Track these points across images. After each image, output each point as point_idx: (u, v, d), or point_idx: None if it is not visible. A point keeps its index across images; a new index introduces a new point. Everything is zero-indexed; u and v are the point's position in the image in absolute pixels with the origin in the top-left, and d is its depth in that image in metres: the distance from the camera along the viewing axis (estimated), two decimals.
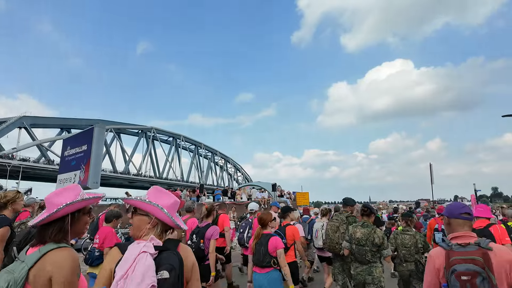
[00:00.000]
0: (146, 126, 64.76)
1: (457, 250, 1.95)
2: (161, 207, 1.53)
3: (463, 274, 1.87)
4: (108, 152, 55.61)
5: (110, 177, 55.00)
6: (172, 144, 72.44)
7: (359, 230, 3.95)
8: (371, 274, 3.81)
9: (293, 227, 4.69)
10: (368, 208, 4.14)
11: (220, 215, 5.79)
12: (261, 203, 16.61)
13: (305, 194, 23.71)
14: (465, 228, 2.06)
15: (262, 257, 3.46)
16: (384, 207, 21.11)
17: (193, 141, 79.58)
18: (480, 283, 1.82)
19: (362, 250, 3.84)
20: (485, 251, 1.89)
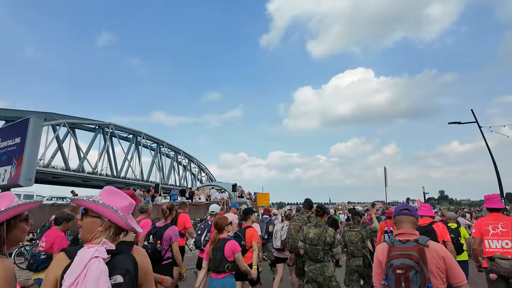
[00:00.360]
0: (104, 121, 61.36)
1: (398, 246, 2.09)
2: (115, 209, 1.46)
3: (398, 268, 2.00)
4: (60, 148, 51.99)
5: (62, 174, 51.43)
6: (132, 141, 69.32)
7: (312, 230, 4.04)
8: (323, 274, 3.89)
9: (252, 229, 4.68)
10: (322, 209, 4.22)
11: (180, 214, 5.67)
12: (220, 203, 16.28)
13: (266, 195, 23.65)
14: (407, 224, 2.23)
15: (218, 262, 3.41)
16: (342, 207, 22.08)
17: (155, 139, 76.86)
18: (413, 276, 1.95)
19: (314, 250, 3.94)
20: (421, 247, 2.02)
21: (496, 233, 3.93)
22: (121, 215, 1.47)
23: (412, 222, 2.24)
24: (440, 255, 2.06)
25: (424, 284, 1.95)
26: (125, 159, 66.71)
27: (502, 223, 3.92)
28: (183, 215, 5.72)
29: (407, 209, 2.29)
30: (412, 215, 2.25)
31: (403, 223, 2.25)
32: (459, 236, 5.53)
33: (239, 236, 4.44)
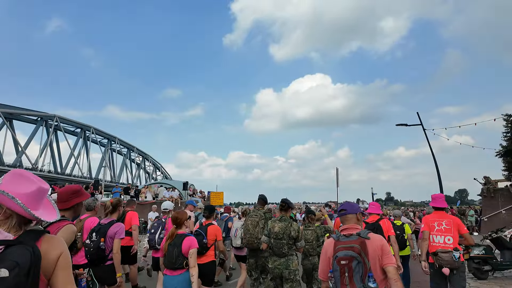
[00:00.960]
0: (47, 113, 56.32)
1: (342, 240, 2.27)
2: (12, 196, 1.29)
3: (342, 259, 2.16)
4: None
5: None
6: (79, 136, 64.59)
7: (277, 225, 4.07)
8: (288, 267, 3.94)
9: (215, 227, 4.63)
10: (286, 203, 4.30)
11: (128, 212, 5.48)
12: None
13: (220, 193, 23.07)
14: (349, 221, 2.43)
15: (174, 258, 3.30)
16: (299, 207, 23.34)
17: (106, 134, 72.39)
18: (355, 266, 2.11)
19: (279, 244, 3.97)
20: (363, 240, 2.21)
21: (440, 229, 4.31)
22: (20, 203, 1.31)
23: (352, 219, 2.45)
24: (379, 244, 2.25)
25: (365, 273, 2.12)
26: (71, 155, 62.01)
27: (446, 221, 4.30)
28: (131, 213, 5.53)
29: (343, 209, 2.51)
30: (349, 213, 2.47)
31: (347, 220, 2.46)
32: (403, 232, 5.97)
33: (201, 233, 4.31)
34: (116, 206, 4.12)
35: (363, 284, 2.11)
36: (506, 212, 19.88)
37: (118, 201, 4.21)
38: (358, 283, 2.12)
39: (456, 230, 4.23)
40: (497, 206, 20.38)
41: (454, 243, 4.17)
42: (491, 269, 7.08)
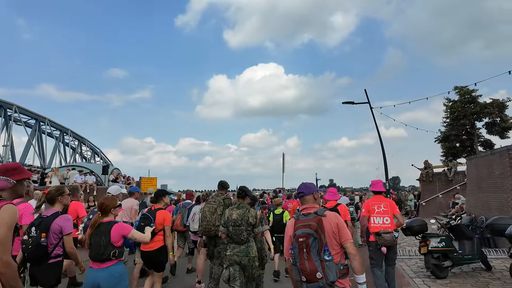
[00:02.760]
0: None
1: (302, 219, 2.48)
2: None
3: (300, 236, 2.36)
4: None
5: None
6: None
7: (235, 212, 4.06)
8: (248, 255, 3.92)
9: (165, 212, 4.50)
10: (243, 191, 4.27)
11: (72, 202, 5.18)
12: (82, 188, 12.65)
13: (152, 179, 20.83)
14: (307, 201, 2.65)
15: (102, 249, 3.02)
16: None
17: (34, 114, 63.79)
18: (312, 242, 2.31)
19: (238, 231, 3.96)
20: (319, 217, 2.42)
21: (379, 211, 4.87)
22: None
23: (310, 199, 2.65)
24: (334, 221, 2.46)
25: (321, 247, 2.30)
26: None
27: (384, 204, 4.92)
28: (75, 203, 5.37)
29: (301, 192, 2.68)
30: (305, 195, 2.66)
31: (306, 200, 2.66)
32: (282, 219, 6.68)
33: (148, 217, 4.28)
34: (56, 196, 3.45)
35: (320, 257, 2.29)
36: (442, 196, 20.56)
37: (61, 189, 3.57)
38: (315, 257, 2.29)
39: (392, 211, 4.88)
40: (435, 190, 21.04)
41: (391, 223, 4.82)
42: (452, 264, 6.06)
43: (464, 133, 24.46)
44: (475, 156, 10.95)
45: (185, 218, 6.36)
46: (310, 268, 2.27)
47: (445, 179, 20.60)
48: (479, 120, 23.65)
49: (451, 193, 19.47)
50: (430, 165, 21.54)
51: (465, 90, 23.49)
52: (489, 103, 22.96)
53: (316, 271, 2.26)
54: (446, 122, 25.20)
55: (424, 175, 21.04)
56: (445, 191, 20.44)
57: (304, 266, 2.29)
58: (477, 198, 10.59)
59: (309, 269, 2.28)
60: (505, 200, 8.67)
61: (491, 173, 9.56)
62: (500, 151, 9.01)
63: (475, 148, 23.00)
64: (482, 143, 24.17)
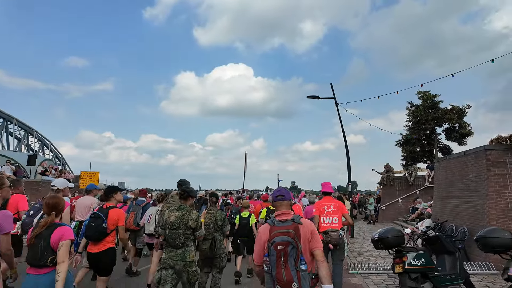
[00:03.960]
0: None
1: (278, 225, 2.37)
2: None
3: (279, 244, 2.25)
4: None
5: None
6: None
7: (173, 214, 3.84)
8: (184, 259, 3.74)
9: (118, 210, 4.23)
10: (186, 192, 4.05)
11: (13, 195, 4.65)
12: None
13: (94, 174, 18.41)
14: (284, 207, 2.56)
15: (40, 253, 2.70)
16: None
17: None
18: (290, 250, 2.24)
19: (175, 234, 3.76)
20: (296, 225, 2.35)
21: (329, 211, 5.27)
22: None
23: (287, 205, 2.58)
24: (310, 229, 2.41)
25: (298, 256, 2.24)
26: None
27: (333, 204, 5.33)
28: (17, 196, 4.82)
29: (281, 195, 2.59)
30: (286, 199, 2.59)
31: (281, 205, 2.56)
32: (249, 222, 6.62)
33: (100, 217, 4.05)
34: None
35: (296, 267, 2.24)
36: (402, 201, 20.15)
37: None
38: (292, 266, 2.23)
39: (341, 212, 5.31)
40: (395, 195, 20.60)
41: (339, 223, 5.25)
42: (432, 286, 4.76)
43: (425, 137, 24.51)
44: (445, 157, 10.07)
45: (139, 216, 6.25)
46: (287, 278, 2.22)
47: (406, 184, 20.27)
48: (439, 125, 23.79)
49: (411, 198, 19.12)
50: (391, 169, 21.12)
51: (427, 95, 23.48)
52: (449, 109, 23.16)
53: (292, 281, 2.21)
54: (408, 126, 25.16)
55: (385, 178, 20.57)
56: (405, 196, 20.06)
57: (281, 275, 2.23)
58: (446, 203, 9.67)
59: (285, 279, 2.21)
60: (480, 207, 7.71)
61: (464, 176, 8.63)
62: (476, 152, 8.09)
63: (434, 154, 23.09)
64: (441, 149, 24.36)
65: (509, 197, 7.27)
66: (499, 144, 7.67)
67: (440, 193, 10.28)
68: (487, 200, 7.45)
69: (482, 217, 7.60)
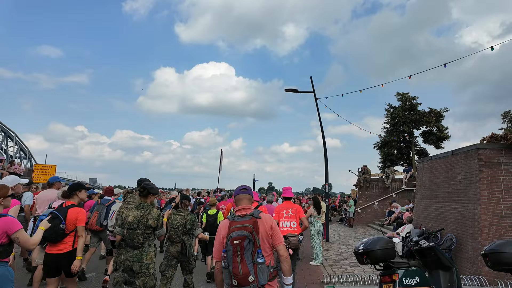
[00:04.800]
0: None
1: (237, 220, 2.36)
2: None
3: (235, 239, 2.24)
4: None
5: None
6: None
7: (132, 213, 3.63)
8: (140, 261, 3.58)
9: (78, 210, 3.94)
10: (146, 189, 3.79)
11: None
12: None
13: (50, 167, 16.75)
14: (245, 201, 2.58)
15: None
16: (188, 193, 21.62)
17: None
18: (247, 245, 2.23)
19: (132, 235, 3.57)
20: (255, 219, 2.35)
21: (287, 216, 5.29)
22: None
23: (248, 199, 2.60)
24: (269, 224, 2.41)
25: (255, 250, 2.24)
26: None
27: (292, 209, 5.35)
28: None
29: (245, 188, 2.66)
30: (248, 193, 2.63)
31: (241, 200, 2.58)
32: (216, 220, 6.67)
33: (57, 217, 3.75)
34: None
35: (253, 260, 2.22)
36: (378, 204, 19.61)
37: None
38: (248, 260, 2.21)
39: (299, 216, 5.30)
40: (371, 197, 20.04)
41: (297, 227, 5.24)
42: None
43: (402, 140, 24.20)
44: (430, 157, 9.28)
45: (102, 216, 6.10)
46: (243, 271, 2.20)
47: (382, 186, 19.75)
48: (417, 128, 23.52)
49: (388, 201, 18.62)
50: (368, 170, 20.54)
51: (406, 97, 23.14)
52: (427, 112, 22.93)
53: (249, 274, 2.20)
54: (386, 128, 24.78)
55: (362, 180, 20.00)
56: (381, 199, 19.55)
57: (237, 269, 2.21)
58: (429, 208, 8.89)
59: (241, 273, 2.20)
60: (470, 212, 6.91)
61: (452, 178, 7.84)
62: (467, 151, 7.30)
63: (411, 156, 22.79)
64: (418, 152, 24.13)
65: (503, 201, 6.49)
66: (493, 143, 6.90)
67: (423, 196, 9.49)
68: (479, 204, 6.65)
69: (472, 223, 6.79)
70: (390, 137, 23.69)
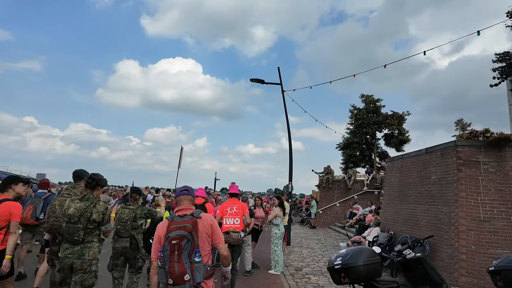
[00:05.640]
0: None
1: (176, 220, 2.36)
2: None
3: (173, 238, 2.24)
4: None
5: None
6: None
7: (74, 205, 3.35)
8: (81, 257, 3.27)
9: (11, 204, 3.64)
10: (94, 179, 3.46)
11: None
12: None
13: None
14: (186, 202, 2.56)
15: None
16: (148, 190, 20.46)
17: None
18: (185, 244, 2.23)
19: (72, 229, 3.28)
20: (195, 219, 2.36)
21: (231, 213, 5.39)
22: None
23: (189, 200, 2.59)
24: (209, 223, 2.42)
25: (193, 249, 2.24)
26: None
27: (236, 206, 5.46)
28: None
29: (187, 189, 2.64)
30: (189, 194, 2.62)
31: (182, 201, 2.56)
32: None
33: None
34: None
35: (190, 259, 2.22)
36: (340, 205, 19.25)
37: None
38: (186, 259, 2.21)
39: (242, 213, 5.40)
40: (333, 198, 19.63)
41: (240, 224, 5.33)
42: None
43: (365, 142, 24.21)
44: (400, 156, 8.68)
45: (38, 210, 5.72)
46: (179, 270, 2.20)
47: (344, 187, 19.43)
48: (379, 130, 23.63)
49: (349, 203, 18.30)
50: (332, 171, 20.14)
51: (370, 99, 23.13)
52: (390, 115, 23.10)
53: (185, 273, 2.20)
54: (349, 129, 24.66)
55: (324, 181, 19.55)
56: (343, 200, 19.22)
57: (173, 268, 2.21)
58: (399, 210, 8.26)
59: (177, 272, 2.20)
60: (446, 215, 6.27)
61: (425, 178, 7.21)
62: (443, 149, 6.68)
63: (373, 159, 22.83)
64: (380, 154, 24.27)
65: (481, 204, 5.90)
66: (472, 140, 6.32)
67: (391, 198, 8.87)
68: (456, 207, 6.00)
69: (448, 228, 6.14)
70: (353, 138, 23.58)
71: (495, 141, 6.08)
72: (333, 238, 13.46)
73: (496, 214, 5.80)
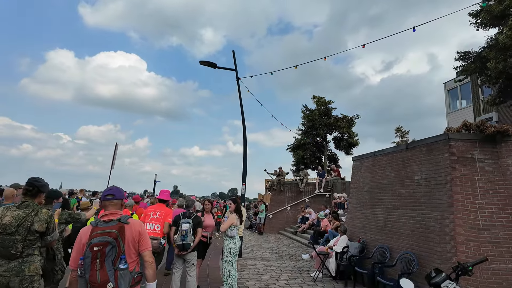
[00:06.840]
0: None
1: (101, 226, 2.17)
2: None
3: (96, 245, 2.06)
4: None
5: None
6: None
7: (10, 213, 2.96)
8: (20, 274, 2.86)
9: None
10: (35, 186, 3.12)
11: None
12: None
13: None
14: (112, 207, 2.35)
15: None
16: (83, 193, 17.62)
17: None
18: (109, 251, 2.06)
19: (7, 241, 2.86)
20: (122, 225, 2.19)
21: (153, 218, 5.18)
22: None
23: (116, 205, 2.38)
24: (137, 229, 2.28)
25: (118, 255, 2.09)
26: None
27: (160, 212, 5.25)
28: None
29: (112, 194, 2.39)
30: (116, 199, 2.38)
31: (107, 207, 2.35)
32: None
33: None
34: None
35: (114, 267, 2.08)
36: (291, 209, 18.25)
37: None
38: (109, 266, 2.06)
39: (165, 220, 5.16)
40: (284, 202, 18.58)
41: (161, 230, 5.13)
42: None
43: (315, 144, 23.76)
44: (371, 153, 7.64)
45: None
46: (102, 278, 2.02)
47: (296, 190, 18.51)
48: (330, 133, 23.37)
49: (301, 206, 17.41)
50: (283, 172, 19.10)
51: (322, 101, 22.74)
52: (340, 118, 22.96)
53: (108, 281, 2.03)
54: (301, 130, 24.04)
55: (275, 183, 18.45)
56: (294, 203, 18.27)
57: (95, 277, 2.03)
58: (370, 215, 7.17)
59: (99, 280, 2.02)
60: (437, 222, 5.22)
61: (406, 178, 6.18)
62: (431, 144, 5.69)
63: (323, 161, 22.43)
64: (329, 157, 24.00)
65: (479, 209, 4.95)
66: (465, 133, 5.39)
67: (360, 201, 7.78)
68: (451, 213, 4.97)
69: (440, 238, 5.08)
70: (305, 139, 22.98)
71: (492, 135, 5.21)
72: (287, 246, 12.18)
73: (496, 221, 4.88)
